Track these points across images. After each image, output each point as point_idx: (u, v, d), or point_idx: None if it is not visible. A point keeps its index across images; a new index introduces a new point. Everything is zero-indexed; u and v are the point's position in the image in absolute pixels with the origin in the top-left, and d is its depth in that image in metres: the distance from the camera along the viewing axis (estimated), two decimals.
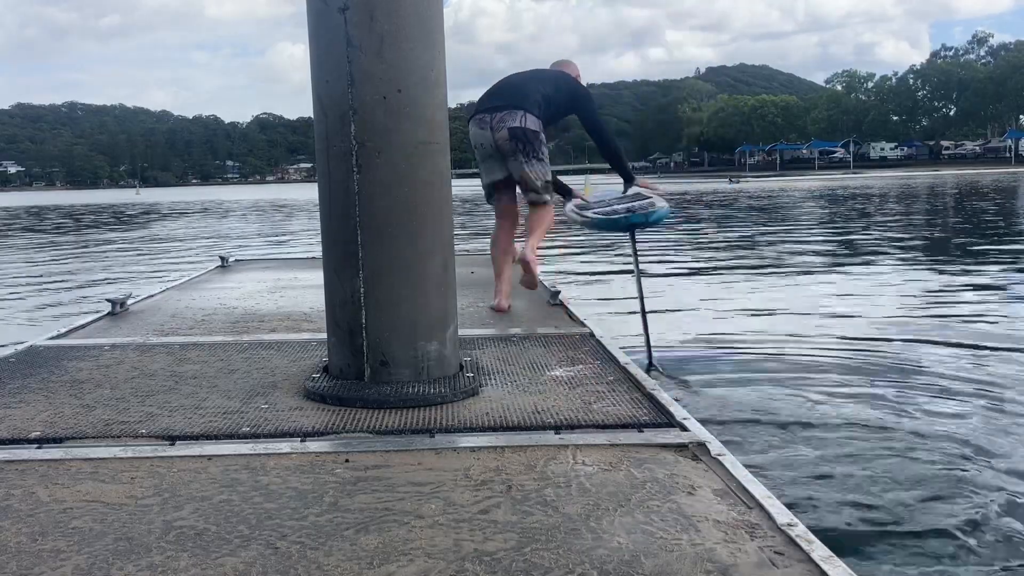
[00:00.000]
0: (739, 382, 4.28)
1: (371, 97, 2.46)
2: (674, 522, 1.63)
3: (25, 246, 16.90)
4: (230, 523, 1.65)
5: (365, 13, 2.43)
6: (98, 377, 2.84)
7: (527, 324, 3.72)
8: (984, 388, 4.07)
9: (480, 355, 3.07)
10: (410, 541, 1.55)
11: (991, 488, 2.79)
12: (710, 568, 1.43)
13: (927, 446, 3.22)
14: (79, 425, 2.29)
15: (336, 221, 2.57)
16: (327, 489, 1.82)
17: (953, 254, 10.85)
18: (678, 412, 2.31)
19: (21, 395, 2.61)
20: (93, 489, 1.84)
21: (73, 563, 1.48)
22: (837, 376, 4.39)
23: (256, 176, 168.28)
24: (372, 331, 2.52)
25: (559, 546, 1.52)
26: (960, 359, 4.75)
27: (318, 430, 2.22)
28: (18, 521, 1.68)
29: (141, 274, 10.66)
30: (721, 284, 8.41)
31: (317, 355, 3.08)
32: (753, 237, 13.65)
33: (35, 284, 10.08)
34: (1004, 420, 3.57)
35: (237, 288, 5.23)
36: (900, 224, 15.72)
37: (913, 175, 52.52)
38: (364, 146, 2.47)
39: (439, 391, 2.48)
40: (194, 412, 2.40)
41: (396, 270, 2.53)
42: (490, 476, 1.89)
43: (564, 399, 2.48)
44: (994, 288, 7.69)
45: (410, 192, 2.52)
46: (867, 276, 8.76)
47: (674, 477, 1.88)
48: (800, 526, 1.59)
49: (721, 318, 6.40)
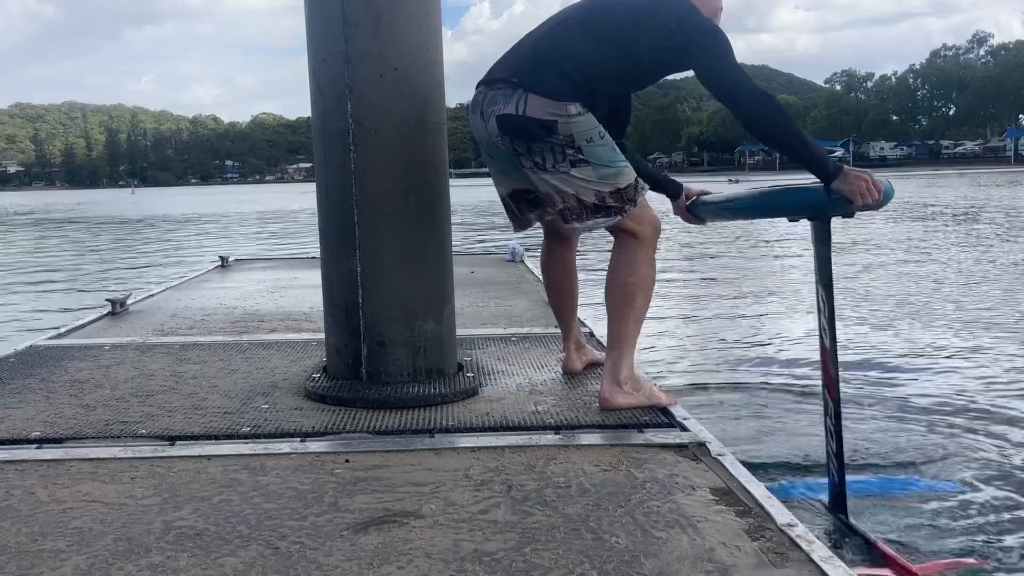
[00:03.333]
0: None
1: (368, 75, 2.46)
2: (674, 522, 1.63)
3: (25, 246, 16.90)
4: (230, 523, 1.65)
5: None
6: (98, 377, 2.83)
7: (527, 324, 3.72)
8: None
9: (480, 355, 3.07)
10: (410, 541, 1.55)
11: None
12: (710, 568, 1.43)
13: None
14: (79, 425, 2.29)
15: (333, 200, 2.58)
16: (327, 489, 1.82)
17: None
18: (678, 412, 2.31)
19: (21, 395, 2.61)
20: (93, 489, 1.84)
21: (73, 563, 1.48)
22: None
23: (255, 176, 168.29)
24: (369, 310, 2.53)
25: (559, 546, 1.52)
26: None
27: (318, 430, 2.22)
28: (18, 521, 1.67)
29: (141, 273, 10.66)
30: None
31: (317, 355, 3.08)
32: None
33: (35, 284, 10.08)
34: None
35: (237, 288, 5.22)
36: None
37: (914, 174, 52.46)
38: (361, 125, 2.47)
39: (439, 391, 2.48)
40: (194, 412, 2.40)
41: (393, 249, 2.53)
42: (490, 476, 1.89)
43: (564, 399, 2.48)
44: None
45: (407, 171, 2.53)
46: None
47: (674, 477, 1.88)
48: (800, 526, 1.59)
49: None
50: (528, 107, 2.21)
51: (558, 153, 2.23)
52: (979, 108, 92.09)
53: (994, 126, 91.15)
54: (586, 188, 2.25)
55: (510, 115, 2.25)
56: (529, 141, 2.25)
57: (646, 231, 2.30)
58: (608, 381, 2.32)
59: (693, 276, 9.43)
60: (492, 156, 2.45)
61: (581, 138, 2.22)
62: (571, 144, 2.22)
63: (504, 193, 2.52)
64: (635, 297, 2.29)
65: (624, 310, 2.30)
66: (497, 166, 2.47)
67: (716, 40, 2.21)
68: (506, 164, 2.41)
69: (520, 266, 6.10)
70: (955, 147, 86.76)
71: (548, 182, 2.28)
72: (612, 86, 2.30)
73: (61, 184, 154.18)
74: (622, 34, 2.25)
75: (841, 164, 2.13)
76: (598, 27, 2.28)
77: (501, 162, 2.43)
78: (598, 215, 2.27)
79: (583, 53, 2.25)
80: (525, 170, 2.31)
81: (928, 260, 10.03)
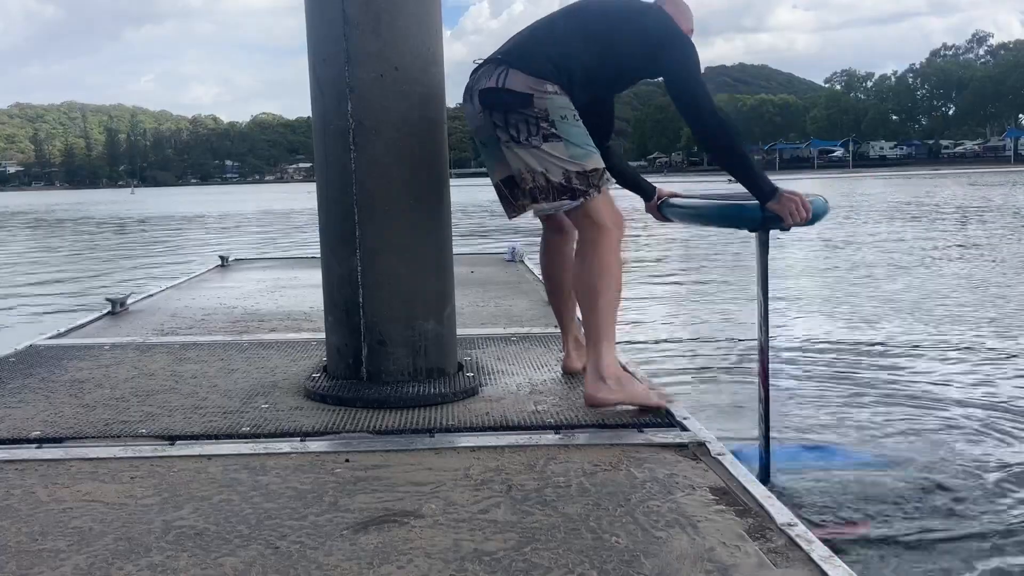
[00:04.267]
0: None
1: (368, 75, 2.47)
2: (674, 522, 1.63)
3: (25, 245, 16.90)
4: (230, 523, 1.65)
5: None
6: (98, 377, 2.84)
7: (527, 324, 3.72)
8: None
9: (480, 355, 3.07)
10: (410, 541, 1.56)
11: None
12: (710, 568, 1.43)
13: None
14: (79, 425, 2.29)
15: (333, 200, 2.58)
16: (327, 489, 1.82)
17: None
18: (678, 412, 2.31)
19: (21, 395, 2.61)
20: (93, 489, 1.84)
21: (73, 563, 1.48)
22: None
23: (255, 176, 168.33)
24: (369, 310, 2.53)
25: (559, 546, 1.52)
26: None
27: (318, 430, 2.22)
28: (18, 521, 1.67)
29: (141, 273, 10.66)
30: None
31: (317, 355, 3.08)
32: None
33: (35, 284, 10.08)
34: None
35: (237, 288, 5.23)
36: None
37: (915, 174, 52.48)
38: (361, 124, 2.48)
39: (439, 391, 2.48)
40: (194, 412, 2.40)
41: (393, 249, 2.53)
42: (490, 476, 1.89)
43: (564, 399, 2.48)
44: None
45: (407, 170, 2.53)
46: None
47: (674, 477, 1.88)
48: (800, 526, 1.59)
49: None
50: (508, 80, 2.29)
51: (532, 126, 2.29)
52: (979, 108, 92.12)
53: (994, 126, 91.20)
54: (555, 165, 2.29)
55: (490, 88, 2.32)
56: (506, 112, 2.31)
57: (609, 222, 2.33)
58: (591, 377, 2.33)
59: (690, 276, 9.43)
60: (485, 143, 2.49)
61: (556, 114, 2.28)
62: (545, 118, 2.28)
63: (496, 180, 2.56)
64: (602, 291, 2.31)
65: (594, 301, 2.32)
66: (488, 152, 2.51)
67: (686, 52, 2.34)
68: (495, 149, 2.44)
69: (520, 266, 6.10)
70: (955, 147, 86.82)
71: (520, 157, 2.32)
72: (589, 81, 2.37)
73: (61, 184, 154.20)
74: (604, 34, 2.37)
75: (775, 187, 2.33)
76: (583, 24, 2.40)
77: (492, 147, 2.46)
78: (563, 196, 2.31)
79: (566, 44, 2.34)
80: (501, 145, 2.36)
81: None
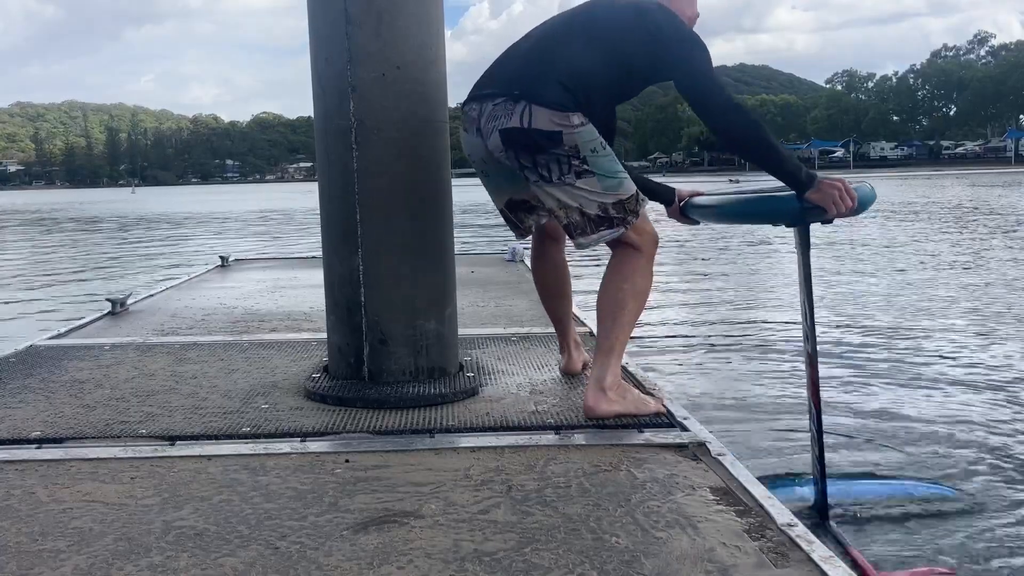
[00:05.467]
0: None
1: (370, 74, 2.47)
2: (674, 522, 1.63)
3: (24, 245, 16.90)
4: (230, 523, 1.65)
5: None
6: (98, 377, 2.84)
7: (527, 324, 3.72)
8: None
9: (480, 355, 3.07)
10: (410, 541, 1.55)
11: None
12: (710, 568, 1.43)
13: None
14: (79, 425, 2.29)
15: (335, 199, 2.58)
16: (327, 489, 1.82)
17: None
18: (678, 412, 2.31)
19: (21, 395, 2.61)
20: (93, 489, 1.84)
21: (73, 563, 1.48)
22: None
23: (256, 175, 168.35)
24: (371, 309, 2.53)
25: (559, 546, 1.52)
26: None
27: (318, 430, 2.22)
28: (18, 521, 1.67)
29: (141, 273, 10.66)
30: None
31: (317, 355, 3.08)
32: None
33: (35, 284, 10.08)
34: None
35: (237, 288, 5.23)
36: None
37: (916, 174, 52.44)
38: (363, 124, 2.48)
39: (439, 391, 2.48)
40: (194, 412, 2.40)
41: (395, 248, 2.54)
42: (490, 476, 1.89)
43: (564, 399, 2.48)
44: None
45: (409, 170, 2.53)
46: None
47: (674, 477, 1.88)
48: (800, 526, 1.59)
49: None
50: (534, 119, 2.19)
51: (564, 164, 2.22)
52: (979, 108, 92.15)
53: (994, 126, 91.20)
54: (589, 200, 2.23)
55: (515, 128, 2.21)
56: (535, 154, 2.23)
57: (646, 242, 2.29)
58: (593, 389, 2.28)
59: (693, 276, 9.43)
60: (487, 173, 2.46)
61: (586, 148, 2.21)
62: (576, 155, 2.21)
63: (500, 205, 2.54)
64: (627, 304, 2.27)
65: (616, 317, 2.28)
66: (492, 183, 2.49)
67: (695, 49, 2.21)
68: (501, 179, 2.44)
69: (520, 266, 6.09)
70: (955, 147, 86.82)
71: (553, 195, 2.26)
72: (605, 94, 2.29)
73: (61, 183, 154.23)
74: (610, 43, 2.26)
75: (814, 173, 2.13)
76: (586, 36, 2.28)
77: (496, 178, 2.46)
78: (601, 227, 2.25)
79: (576, 61, 2.24)
80: (531, 184, 2.29)
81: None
